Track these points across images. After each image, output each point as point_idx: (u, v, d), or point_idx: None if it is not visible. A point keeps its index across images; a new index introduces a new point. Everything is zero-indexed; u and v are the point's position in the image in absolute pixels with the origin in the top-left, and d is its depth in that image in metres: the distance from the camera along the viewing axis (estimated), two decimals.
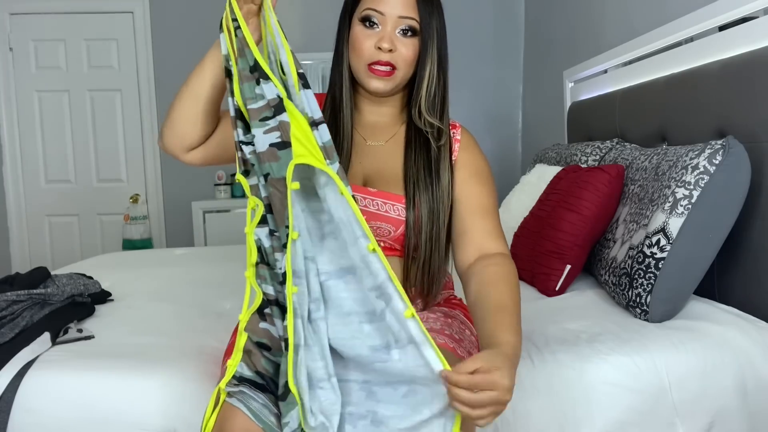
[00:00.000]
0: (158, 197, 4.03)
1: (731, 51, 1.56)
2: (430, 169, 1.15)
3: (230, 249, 2.59)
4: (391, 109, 1.22)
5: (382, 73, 1.12)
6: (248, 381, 0.96)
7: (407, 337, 0.87)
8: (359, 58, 1.12)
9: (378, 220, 1.13)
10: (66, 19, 3.87)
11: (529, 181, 2.26)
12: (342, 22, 1.17)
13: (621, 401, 1.17)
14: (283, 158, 0.92)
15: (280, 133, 0.93)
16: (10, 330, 1.29)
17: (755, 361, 1.24)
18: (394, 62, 1.12)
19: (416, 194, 1.13)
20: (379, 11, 1.10)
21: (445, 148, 1.17)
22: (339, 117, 1.17)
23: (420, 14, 1.11)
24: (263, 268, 0.97)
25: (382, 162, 1.19)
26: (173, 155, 1.16)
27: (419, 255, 1.13)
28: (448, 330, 1.13)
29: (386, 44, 1.10)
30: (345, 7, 1.17)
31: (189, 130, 1.11)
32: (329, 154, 0.92)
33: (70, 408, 1.13)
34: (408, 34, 1.12)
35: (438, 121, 1.17)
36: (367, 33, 1.11)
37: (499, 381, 0.80)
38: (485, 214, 1.14)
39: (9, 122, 3.89)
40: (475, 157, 1.21)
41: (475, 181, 1.17)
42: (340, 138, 1.16)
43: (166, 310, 1.60)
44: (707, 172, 1.35)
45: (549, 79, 3.40)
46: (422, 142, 1.18)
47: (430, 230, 1.13)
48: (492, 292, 1.01)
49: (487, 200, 1.16)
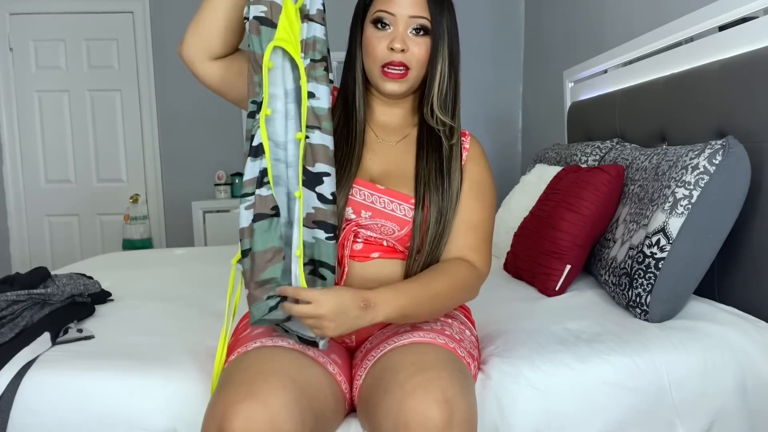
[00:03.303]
0: (158, 197, 4.03)
1: (731, 51, 1.56)
2: (442, 171, 1.17)
3: (230, 249, 2.58)
4: (403, 111, 1.24)
5: (396, 75, 1.13)
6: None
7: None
8: (373, 60, 1.14)
9: (383, 218, 1.14)
10: (66, 19, 3.87)
11: (529, 181, 2.26)
12: (354, 26, 1.18)
13: (621, 401, 1.17)
14: (264, 35, 1.01)
15: (266, 9, 1.01)
16: (10, 330, 1.29)
17: (755, 361, 1.24)
18: (407, 62, 1.13)
19: (426, 195, 1.15)
20: (390, 12, 1.12)
21: (456, 147, 1.19)
22: (352, 117, 1.19)
23: (431, 13, 1.13)
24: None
25: (392, 161, 1.20)
26: (192, 62, 1.11)
27: (422, 255, 1.14)
28: (449, 330, 1.13)
29: (398, 44, 1.11)
30: (357, 11, 1.19)
31: (215, 32, 1.08)
32: (306, 49, 1.03)
33: (70, 408, 1.13)
34: (420, 33, 1.13)
35: (450, 120, 1.19)
36: (379, 35, 1.13)
37: (315, 312, 0.96)
38: (469, 229, 1.18)
39: (9, 122, 3.89)
40: (480, 170, 1.23)
41: (472, 195, 1.20)
42: (353, 137, 1.17)
43: (166, 310, 1.60)
44: (707, 172, 1.35)
45: (549, 79, 3.40)
46: (434, 144, 1.19)
47: (436, 231, 1.14)
48: (434, 274, 1.10)
49: (478, 216, 1.20)
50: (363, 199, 1.14)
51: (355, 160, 1.15)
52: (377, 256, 1.16)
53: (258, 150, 1.01)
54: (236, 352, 1.09)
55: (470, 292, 1.16)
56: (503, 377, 1.15)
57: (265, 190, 1.01)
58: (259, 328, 1.13)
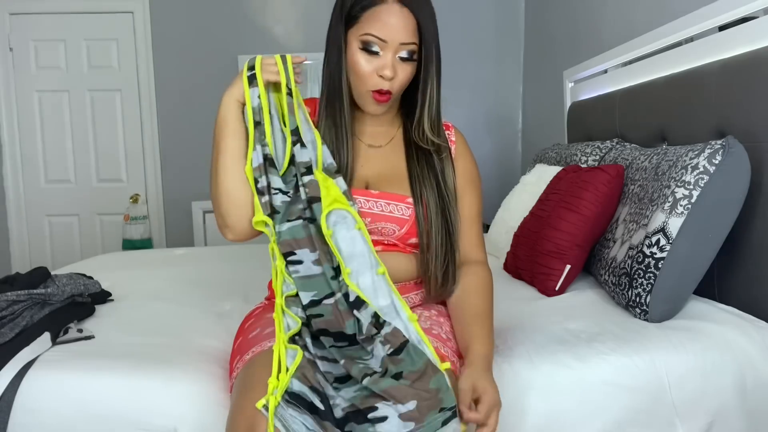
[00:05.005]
0: (158, 197, 4.03)
1: (731, 51, 1.56)
2: (434, 166, 1.20)
3: (230, 249, 2.58)
4: (388, 117, 1.26)
5: (382, 100, 1.14)
6: (298, 397, 0.95)
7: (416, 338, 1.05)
8: (361, 82, 1.13)
9: (382, 220, 1.16)
10: (66, 19, 3.86)
11: (529, 181, 2.26)
12: (336, 27, 1.14)
13: (621, 401, 1.17)
14: (315, 210, 1.09)
15: (309, 190, 1.10)
16: (10, 330, 1.29)
17: (755, 361, 1.24)
18: (392, 88, 1.13)
19: (423, 191, 1.17)
20: (381, 39, 1.09)
21: (446, 159, 1.22)
22: (340, 128, 1.18)
23: (421, 36, 1.11)
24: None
25: (384, 164, 1.22)
26: (244, 234, 1.15)
27: (433, 250, 1.17)
28: (437, 330, 1.16)
29: (389, 72, 1.10)
30: (337, 13, 1.14)
31: (242, 189, 1.12)
32: (349, 197, 1.12)
33: (71, 408, 1.13)
34: (408, 57, 1.12)
35: (438, 138, 1.20)
36: (368, 58, 1.11)
37: (491, 400, 0.96)
38: (472, 223, 1.24)
39: (9, 122, 3.89)
40: (468, 164, 1.27)
41: (467, 190, 1.24)
42: (341, 145, 1.17)
43: (166, 310, 1.60)
44: (707, 172, 1.35)
45: (549, 79, 3.40)
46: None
47: (439, 224, 1.17)
48: (471, 300, 1.16)
49: (476, 209, 1.25)
50: (360, 207, 1.15)
51: (348, 172, 1.16)
52: (379, 250, 1.18)
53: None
54: (251, 352, 1.09)
55: (492, 286, 1.22)
56: (503, 377, 1.15)
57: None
58: (270, 326, 1.13)
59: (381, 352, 1.01)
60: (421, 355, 1.01)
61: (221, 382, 1.17)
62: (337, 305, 1.04)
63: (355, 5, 1.10)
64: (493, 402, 0.96)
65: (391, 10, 1.07)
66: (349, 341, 1.03)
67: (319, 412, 0.93)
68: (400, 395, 0.92)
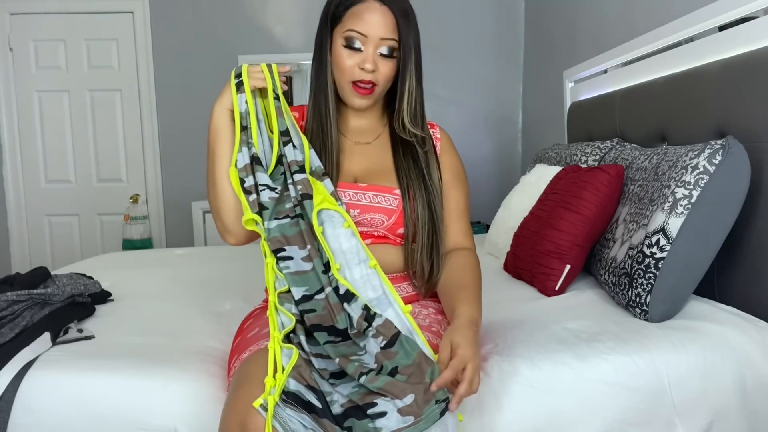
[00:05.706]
0: (158, 197, 4.03)
1: (731, 51, 1.56)
2: (419, 162, 1.26)
3: (230, 249, 2.58)
4: (374, 114, 1.32)
5: (364, 91, 1.21)
6: (295, 396, 0.95)
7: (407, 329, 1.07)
8: (343, 76, 1.21)
9: (371, 211, 1.21)
10: (66, 19, 3.86)
11: (529, 181, 2.26)
12: (322, 32, 1.23)
13: (620, 401, 1.17)
14: (306, 207, 1.12)
15: (301, 187, 1.14)
16: (10, 330, 1.29)
17: (755, 361, 1.24)
18: (375, 80, 1.20)
19: (410, 185, 1.23)
20: (362, 33, 1.17)
21: (430, 153, 1.28)
22: (326, 124, 1.24)
23: (400, 33, 1.18)
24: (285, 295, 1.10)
25: (371, 159, 1.28)
26: (244, 237, 1.21)
27: (419, 241, 1.22)
28: (436, 327, 1.18)
29: (369, 66, 1.18)
30: (325, 16, 1.23)
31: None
32: (336, 197, 1.17)
33: (71, 408, 1.13)
34: (389, 54, 1.19)
35: (420, 131, 1.26)
36: (350, 53, 1.19)
37: (464, 354, 0.95)
38: (460, 215, 1.30)
39: (9, 122, 3.89)
40: (454, 160, 1.33)
41: (454, 185, 1.30)
42: (329, 143, 1.24)
43: (166, 310, 1.60)
44: (707, 172, 1.35)
45: (549, 79, 3.40)
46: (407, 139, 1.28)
47: (426, 216, 1.22)
48: (457, 275, 1.19)
49: (464, 203, 1.31)
50: (349, 199, 1.21)
51: (335, 167, 1.22)
52: (369, 243, 1.22)
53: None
54: (248, 350, 1.10)
55: (479, 267, 1.25)
56: (502, 376, 1.15)
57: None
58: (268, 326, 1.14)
59: (374, 347, 1.02)
60: (414, 345, 1.02)
61: (221, 382, 1.17)
62: (327, 299, 1.07)
63: (340, 5, 1.19)
64: (466, 357, 0.95)
65: (371, 7, 1.17)
66: (342, 336, 1.04)
67: (316, 410, 0.94)
68: (397, 390, 0.93)
